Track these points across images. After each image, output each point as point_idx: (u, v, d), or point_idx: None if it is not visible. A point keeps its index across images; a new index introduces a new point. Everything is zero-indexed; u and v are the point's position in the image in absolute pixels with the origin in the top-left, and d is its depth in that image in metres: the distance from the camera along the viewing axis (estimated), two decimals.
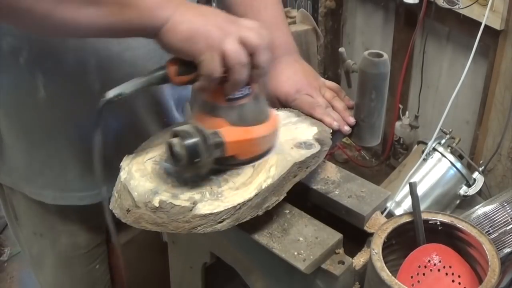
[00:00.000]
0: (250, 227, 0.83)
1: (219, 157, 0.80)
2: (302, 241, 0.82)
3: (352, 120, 1.01)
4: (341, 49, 1.21)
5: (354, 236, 0.89)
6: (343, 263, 0.82)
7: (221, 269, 1.04)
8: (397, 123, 2.41)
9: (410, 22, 2.25)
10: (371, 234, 0.88)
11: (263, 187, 0.80)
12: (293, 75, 1.05)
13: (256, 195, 0.79)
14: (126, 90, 0.78)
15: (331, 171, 0.97)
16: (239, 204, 0.78)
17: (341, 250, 0.84)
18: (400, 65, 2.31)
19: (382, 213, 0.93)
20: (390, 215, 1.35)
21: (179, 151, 0.76)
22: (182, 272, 1.12)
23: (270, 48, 0.79)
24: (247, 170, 0.84)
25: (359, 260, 0.88)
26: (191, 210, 0.77)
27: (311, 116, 0.99)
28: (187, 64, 0.76)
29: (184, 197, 0.78)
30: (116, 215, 0.82)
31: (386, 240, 0.82)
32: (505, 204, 1.59)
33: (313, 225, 0.85)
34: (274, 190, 0.82)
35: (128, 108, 1.02)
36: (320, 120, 0.98)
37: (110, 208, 0.83)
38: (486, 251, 0.80)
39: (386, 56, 0.94)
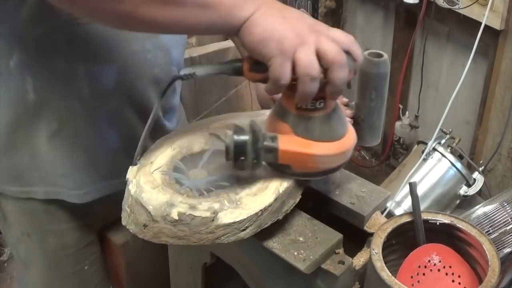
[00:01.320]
0: None
1: (271, 162, 0.79)
2: (302, 241, 0.82)
3: (345, 100, 0.99)
4: None
5: (354, 236, 0.89)
6: (343, 263, 0.82)
7: (221, 269, 1.04)
8: (397, 123, 2.41)
9: (410, 22, 2.25)
10: (371, 234, 0.88)
11: (281, 191, 0.80)
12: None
13: (275, 199, 0.79)
14: (198, 72, 0.78)
15: None
16: (260, 210, 0.77)
17: (341, 250, 0.84)
18: (400, 65, 2.31)
19: (382, 213, 0.93)
20: (390, 215, 1.35)
21: (228, 144, 0.76)
22: (182, 272, 1.12)
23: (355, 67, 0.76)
24: (260, 174, 0.83)
25: (359, 260, 0.88)
26: (213, 220, 0.75)
27: None
28: (261, 63, 0.75)
29: (203, 207, 0.76)
30: (131, 231, 0.80)
31: (386, 240, 0.82)
32: (505, 204, 1.58)
33: (313, 225, 0.85)
34: (290, 193, 0.82)
35: (122, 118, 1.03)
36: None
37: (123, 224, 0.82)
38: (486, 251, 0.80)
39: (386, 56, 0.94)
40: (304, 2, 2.71)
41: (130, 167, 0.85)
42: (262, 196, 0.79)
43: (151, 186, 0.80)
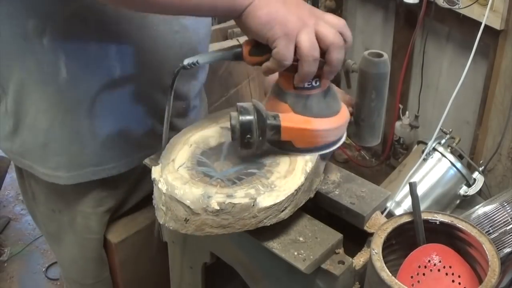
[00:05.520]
0: None
1: (274, 139, 0.83)
2: (302, 241, 0.82)
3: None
4: None
5: (354, 236, 0.89)
6: (343, 263, 0.82)
7: (221, 269, 1.04)
8: (397, 123, 2.40)
9: (410, 22, 2.25)
10: (371, 234, 0.88)
11: (308, 171, 0.83)
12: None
13: (306, 179, 0.82)
14: (201, 60, 0.82)
15: (331, 171, 0.97)
16: (295, 190, 0.80)
17: (341, 250, 0.84)
18: (400, 65, 2.30)
19: (382, 213, 0.93)
20: (390, 215, 1.35)
21: (234, 124, 0.81)
22: (182, 272, 1.12)
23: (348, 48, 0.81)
24: (284, 158, 0.86)
25: (359, 260, 0.88)
26: (253, 205, 0.78)
27: None
28: (260, 46, 0.80)
29: (239, 195, 0.79)
30: (171, 228, 0.82)
31: (386, 240, 0.82)
32: (505, 204, 1.58)
33: (313, 225, 0.85)
34: (315, 172, 0.86)
35: (150, 95, 1.07)
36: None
37: (161, 222, 0.84)
38: (486, 251, 0.80)
39: (386, 56, 0.94)
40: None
41: (153, 167, 0.87)
42: (292, 177, 0.82)
43: (181, 182, 0.82)
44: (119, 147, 1.08)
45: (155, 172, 0.85)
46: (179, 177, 0.83)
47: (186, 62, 0.82)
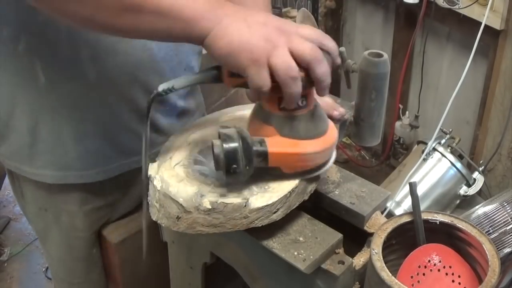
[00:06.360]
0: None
1: (261, 166, 0.78)
2: (302, 241, 0.82)
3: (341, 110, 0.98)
4: (341, 49, 1.20)
5: (354, 236, 0.89)
6: (343, 263, 0.82)
7: (221, 269, 1.04)
8: (397, 123, 2.41)
9: (410, 22, 2.25)
10: (371, 234, 0.88)
11: None
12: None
13: (300, 181, 0.82)
14: (176, 85, 0.77)
15: (331, 171, 0.97)
16: (289, 192, 0.80)
17: (341, 250, 0.84)
18: (400, 65, 2.30)
19: (382, 213, 0.93)
20: (390, 215, 1.35)
21: (218, 153, 0.75)
22: (182, 272, 1.12)
23: (334, 57, 0.76)
24: None
25: (359, 260, 0.88)
26: (245, 205, 0.78)
27: None
28: None
29: (233, 195, 0.79)
30: (163, 225, 0.82)
31: (386, 240, 0.82)
32: (505, 204, 1.58)
33: (313, 225, 0.86)
34: None
35: (130, 98, 1.05)
36: None
37: (154, 219, 0.84)
38: (486, 251, 0.80)
39: (386, 56, 0.94)
40: (304, 2, 2.71)
41: (150, 164, 0.86)
42: (287, 179, 0.82)
43: (176, 180, 0.82)
44: (103, 152, 1.07)
45: (152, 169, 0.86)
46: (174, 175, 0.84)
47: (161, 88, 0.76)
